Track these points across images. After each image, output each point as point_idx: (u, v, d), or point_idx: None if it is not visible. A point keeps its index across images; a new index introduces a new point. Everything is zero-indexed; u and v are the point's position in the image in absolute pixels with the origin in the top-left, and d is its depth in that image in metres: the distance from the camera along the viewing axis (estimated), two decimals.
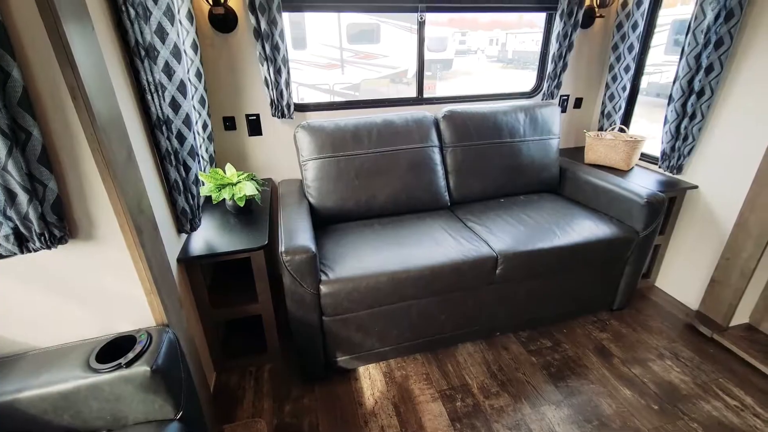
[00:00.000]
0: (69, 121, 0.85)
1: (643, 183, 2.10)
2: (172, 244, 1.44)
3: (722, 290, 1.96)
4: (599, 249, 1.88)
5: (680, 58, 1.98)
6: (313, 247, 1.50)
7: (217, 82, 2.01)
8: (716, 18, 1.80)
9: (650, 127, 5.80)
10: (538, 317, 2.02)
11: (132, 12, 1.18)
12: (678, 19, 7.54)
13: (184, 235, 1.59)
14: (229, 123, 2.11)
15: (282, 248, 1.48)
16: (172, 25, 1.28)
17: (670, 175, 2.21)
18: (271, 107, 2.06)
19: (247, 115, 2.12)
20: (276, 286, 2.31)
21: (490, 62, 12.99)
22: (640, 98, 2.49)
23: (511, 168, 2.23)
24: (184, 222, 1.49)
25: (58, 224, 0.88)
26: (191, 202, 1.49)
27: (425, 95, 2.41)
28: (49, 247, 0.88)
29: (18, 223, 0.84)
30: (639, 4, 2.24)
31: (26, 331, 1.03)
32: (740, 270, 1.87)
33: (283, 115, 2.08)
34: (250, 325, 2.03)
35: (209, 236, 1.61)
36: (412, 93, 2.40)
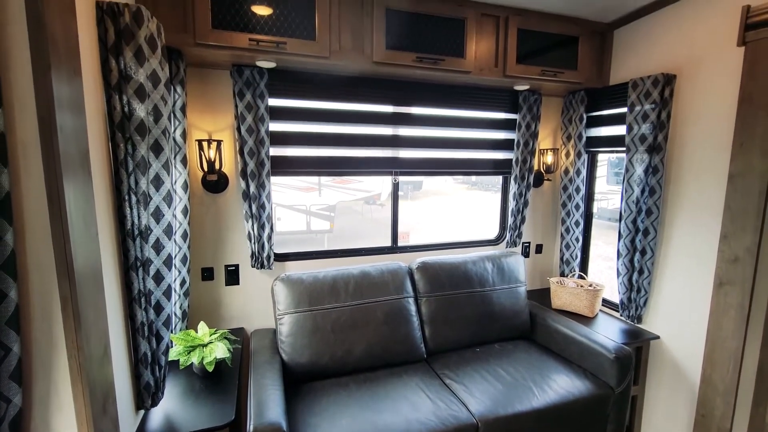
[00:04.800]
0: (53, 331, 0.85)
1: (609, 333, 2.19)
2: (127, 424, 1.32)
3: None
4: (578, 408, 1.85)
5: (620, 220, 2.27)
6: (284, 424, 1.41)
7: (201, 236, 2.10)
8: (642, 192, 2.14)
9: (607, 249, 6.27)
10: None
11: (134, 199, 1.29)
12: (613, 158, 8.82)
13: (143, 411, 1.46)
14: (207, 273, 2.13)
15: (251, 426, 1.37)
16: (169, 207, 1.39)
17: (633, 324, 2.33)
18: (252, 259, 2.12)
19: (227, 266, 2.17)
20: None
21: (456, 183, 14.27)
22: (594, 221, 2.77)
23: (483, 316, 2.30)
24: (146, 397, 1.39)
25: None
26: (157, 374, 1.42)
27: (399, 244, 2.57)
28: None
29: None
30: (578, 172, 2.65)
31: None
32: (717, 428, 1.86)
33: (262, 266, 2.14)
34: None
35: (170, 409, 1.49)
36: (386, 216, 2.56)
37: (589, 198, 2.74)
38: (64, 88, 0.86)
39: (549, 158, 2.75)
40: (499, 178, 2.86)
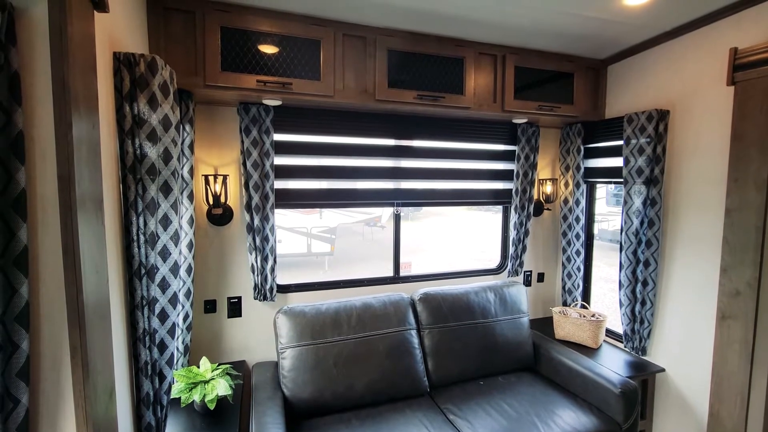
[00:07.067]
0: (61, 380, 0.86)
1: (613, 365, 2.17)
2: None
3: None
4: None
5: (620, 251, 2.28)
6: None
7: (205, 268, 2.11)
8: (641, 224, 2.17)
9: (608, 271, 6.24)
10: None
11: (142, 239, 1.32)
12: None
13: None
14: (210, 306, 2.14)
15: None
16: (176, 245, 1.41)
17: (637, 355, 2.31)
18: (254, 291, 2.13)
19: (229, 298, 2.17)
20: None
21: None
22: (594, 242, 2.78)
23: (486, 348, 2.28)
24: None
25: None
26: (159, 414, 1.41)
27: (401, 274, 2.58)
28: None
29: None
30: (577, 202, 2.68)
31: None
32: None
33: (265, 298, 2.15)
34: None
35: None
36: (387, 236, 2.58)
37: (589, 227, 2.77)
38: (84, 142, 0.90)
39: (548, 188, 2.79)
40: None
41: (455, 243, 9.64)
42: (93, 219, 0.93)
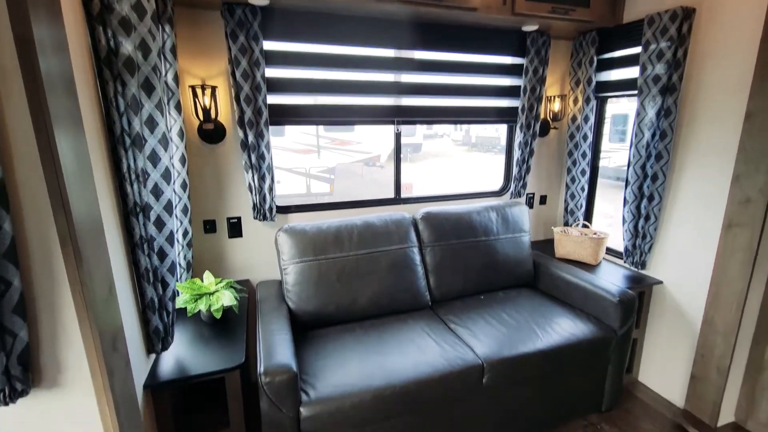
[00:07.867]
0: (54, 268, 0.83)
1: (612, 279, 2.20)
2: (139, 367, 1.34)
3: (703, 387, 1.98)
4: (581, 349, 1.89)
5: (628, 167, 2.21)
6: (294, 366, 1.43)
7: (202, 188, 2.05)
8: (653, 136, 2.08)
9: (607, 207, 6.25)
10: (529, 426, 1.93)
11: (127, 140, 1.24)
12: (616, 113, 8.64)
13: (154, 355, 1.49)
14: (210, 226, 2.11)
15: (261, 368, 1.40)
16: (165, 150, 1.34)
17: (636, 270, 2.33)
18: (254, 211, 2.09)
19: (229, 218, 2.14)
20: (250, 402, 2.13)
21: (456, 146, 14.05)
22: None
23: (487, 265, 2.30)
24: (156, 342, 1.40)
25: (22, 376, 0.81)
26: (165, 320, 1.42)
27: (402, 195, 2.53)
28: (6, 404, 0.80)
29: None
30: (586, 119, 2.56)
31: None
32: (716, 367, 1.91)
33: (264, 218, 2.12)
34: None
35: (180, 354, 1.51)
36: (386, 177, 2.52)
37: (597, 145, 2.67)
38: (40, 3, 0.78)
39: (556, 105, 2.65)
40: (501, 140, 2.82)
41: (456, 185, 9.54)
42: (64, 98, 0.84)
